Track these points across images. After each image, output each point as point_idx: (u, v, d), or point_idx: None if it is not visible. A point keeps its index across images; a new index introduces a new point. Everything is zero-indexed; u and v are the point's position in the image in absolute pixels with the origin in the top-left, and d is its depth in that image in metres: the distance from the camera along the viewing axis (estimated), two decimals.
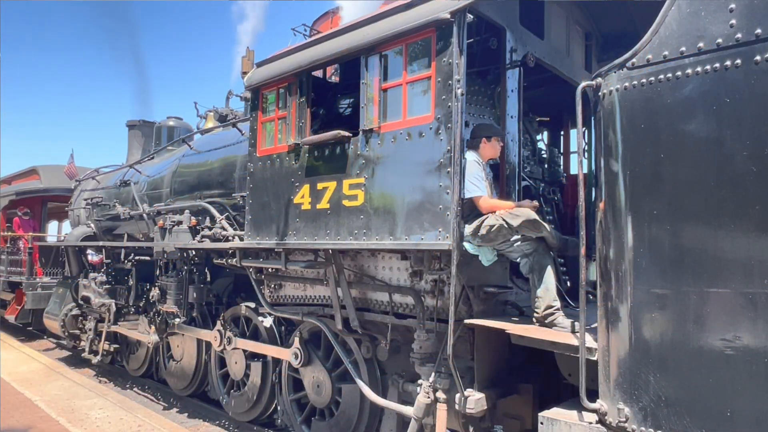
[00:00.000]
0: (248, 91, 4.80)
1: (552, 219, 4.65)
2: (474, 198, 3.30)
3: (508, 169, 3.90)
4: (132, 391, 7.40)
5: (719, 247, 2.17)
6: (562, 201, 5.05)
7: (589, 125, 4.01)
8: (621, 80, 2.48)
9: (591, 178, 3.80)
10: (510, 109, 3.96)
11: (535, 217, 3.16)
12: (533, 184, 4.54)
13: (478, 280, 3.50)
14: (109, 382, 7.86)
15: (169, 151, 7.89)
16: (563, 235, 3.73)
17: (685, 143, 2.28)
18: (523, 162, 4.24)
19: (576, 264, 2.91)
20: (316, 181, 3.98)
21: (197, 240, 5.44)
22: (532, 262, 3.31)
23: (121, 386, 7.58)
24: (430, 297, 3.61)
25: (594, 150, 3.14)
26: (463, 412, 3.21)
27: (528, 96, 4.33)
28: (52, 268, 10.37)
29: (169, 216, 5.93)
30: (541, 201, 4.28)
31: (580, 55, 4.83)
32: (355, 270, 4.13)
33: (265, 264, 4.68)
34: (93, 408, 5.95)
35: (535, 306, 3.25)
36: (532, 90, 4.69)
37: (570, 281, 4.27)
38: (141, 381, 7.74)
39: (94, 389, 6.86)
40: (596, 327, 2.60)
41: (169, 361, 6.90)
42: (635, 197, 2.41)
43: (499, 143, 3.59)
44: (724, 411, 2.13)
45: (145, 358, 7.52)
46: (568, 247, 3.70)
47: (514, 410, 3.57)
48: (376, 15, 3.75)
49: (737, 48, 2.15)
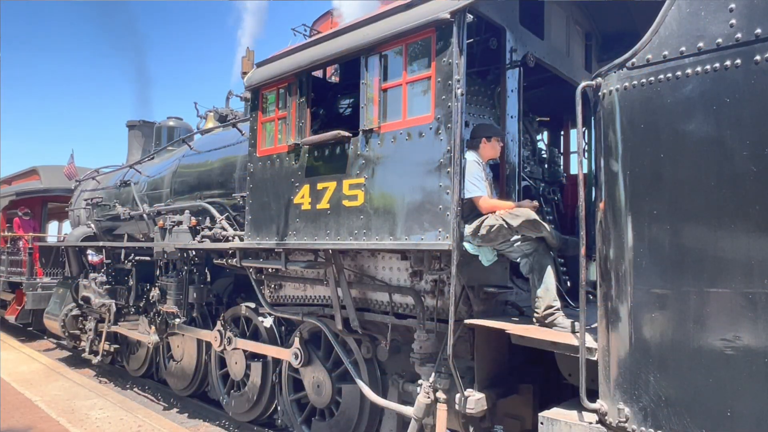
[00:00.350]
0: (248, 91, 4.80)
1: (552, 219, 4.65)
2: (474, 198, 3.29)
3: (508, 169, 3.90)
4: (132, 391, 7.40)
5: (719, 247, 2.17)
6: (562, 201, 5.05)
7: (589, 125, 4.01)
8: (621, 80, 2.48)
9: (591, 178, 3.80)
10: (510, 109, 3.96)
11: (535, 217, 3.15)
12: (533, 184, 4.53)
13: (478, 280, 3.50)
14: (109, 382, 7.86)
15: (169, 152, 7.89)
16: (563, 235, 3.73)
17: (685, 143, 2.28)
18: (523, 162, 4.24)
19: (576, 264, 2.90)
20: (316, 182, 3.98)
21: (197, 240, 5.44)
22: (532, 262, 3.31)
23: (121, 386, 7.58)
24: (430, 297, 3.60)
25: (594, 150, 3.13)
26: (463, 412, 3.21)
27: (528, 96, 4.33)
28: (52, 269, 10.38)
29: (169, 216, 5.93)
30: (541, 201, 4.28)
31: (580, 55, 4.83)
32: (355, 270, 4.13)
33: (265, 264, 4.68)
34: (93, 408, 5.94)
35: (535, 306, 3.25)
36: (532, 90, 4.69)
37: (570, 281, 4.27)
38: (141, 381, 7.74)
39: (94, 389, 6.86)
40: (596, 327, 2.60)
41: (170, 362, 6.90)
42: (635, 197, 2.41)
43: (499, 143, 3.58)
44: (725, 411, 2.13)
45: (146, 359, 7.52)
46: (568, 247, 3.70)
47: (514, 410, 3.57)
48: (375, 15, 3.74)
49: (737, 48, 2.15)
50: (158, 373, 7.44)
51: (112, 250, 7.72)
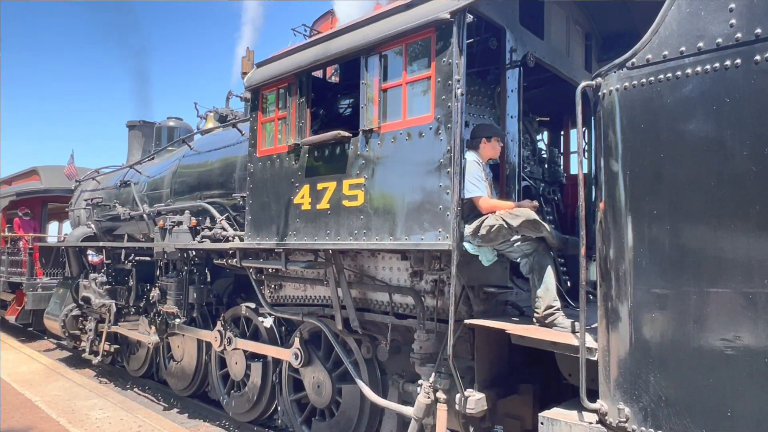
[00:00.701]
0: (248, 91, 4.80)
1: (552, 219, 4.65)
2: (474, 198, 3.30)
3: (508, 169, 3.90)
4: (132, 391, 7.40)
5: (719, 247, 2.17)
6: (562, 201, 5.05)
7: (589, 125, 4.01)
8: (621, 80, 2.48)
9: (591, 178, 3.80)
10: (510, 109, 3.96)
11: (535, 217, 3.16)
12: (533, 184, 4.53)
13: (479, 281, 3.50)
14: (109, 382, 7.86)
15: (169, 152, 7.89)
16: (563, 235, 3.73)
17: (685, 143, 2.28)
18: (523, 162, 4.24)
19: (576, 264, 2.91)
20: (316, 182, 3.98)
21: (197, 240, 5.44)
22: (532, 262, 3.31)
23: (121, 387, 7.58)
24: (430, 297, 3.61)
25: (594, 150, 3.14)
26: (464, 412, 3.21)
27: (528, 96, 4.33)
28: (52, 269, 10.40)
29: (170, 216, 5.94)
30: (541, 201, 4.28)
31: (579, 55, 4.83)
32: (355, 270, 4.13)
33: (266, 264, 4.68)
34: (93, 408, 5.94)
35: (535, 306, 3.25)
36: (532, 90, 4.69)
37: (570, 281, 4.27)
38: (141, 381, 7.74)
39: (94, 390, 6.87)
40: (596, 327, 2.60)
41: (170, 362, 6.90)
42: (635, 197, 2.41)
43: (499, 143, 3.59)
44: (725, 411, 2.13)
45: (146, 359, 7.52)
46: (568, 247, 3.70)
47: (515, 410, 3.57)
48: (375, 15, 3.75)
49: (737, 48, 2.15)
50: (158, 374, 7.44)
51: (112, 250, 7.72)
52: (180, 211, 5.99)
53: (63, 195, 11.60)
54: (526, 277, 3.44)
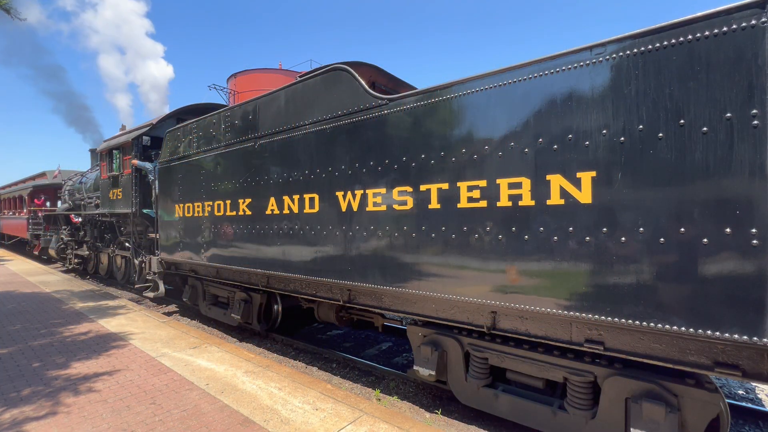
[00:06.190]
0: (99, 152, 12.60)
1: None
2: None
3: None
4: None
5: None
6: None
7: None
8: None
9: None
10: None
11: None
12: None
13: None
14: (76, 277, 16.12)
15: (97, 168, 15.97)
16: None
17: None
18: None
19: None
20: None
21: (98, 213, 13.44)
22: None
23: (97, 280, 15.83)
24: None
25: None
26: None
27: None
28: (53, 226, 19.04)
29: (94, 199, 13.96)
30: None
31: None
32: None
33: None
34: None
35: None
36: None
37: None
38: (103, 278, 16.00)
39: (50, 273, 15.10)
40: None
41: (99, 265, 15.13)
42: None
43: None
44: (177, 248, 9.94)
45: (94, 265, 15.84)
46: None
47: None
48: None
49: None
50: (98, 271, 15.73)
51: (78, 215, 15.93)
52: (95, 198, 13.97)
53: (57, 187, 20.34)
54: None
